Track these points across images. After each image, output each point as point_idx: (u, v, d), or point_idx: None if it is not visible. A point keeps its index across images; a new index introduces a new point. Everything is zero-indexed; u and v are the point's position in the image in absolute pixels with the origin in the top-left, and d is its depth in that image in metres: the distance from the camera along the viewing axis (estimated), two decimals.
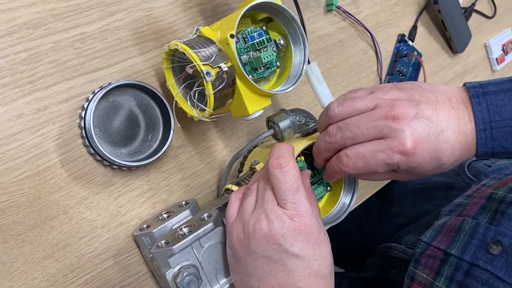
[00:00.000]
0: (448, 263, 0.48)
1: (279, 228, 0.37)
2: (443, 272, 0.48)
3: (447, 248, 0.49)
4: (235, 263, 0.40)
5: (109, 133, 0.44)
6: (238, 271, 0.40)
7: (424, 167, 0.39)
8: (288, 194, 0.38)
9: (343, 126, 0.40)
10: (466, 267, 0.46)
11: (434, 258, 0.50)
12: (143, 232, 0.44)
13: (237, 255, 0.39)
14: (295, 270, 0.37)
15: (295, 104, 0.58)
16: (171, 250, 0.39)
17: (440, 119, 0.39)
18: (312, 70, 0.48)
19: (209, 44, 0.41)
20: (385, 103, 0.39)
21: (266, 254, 0.38)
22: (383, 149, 0.38)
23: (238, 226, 0.39)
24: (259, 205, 0.39)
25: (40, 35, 0.42)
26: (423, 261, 0.51)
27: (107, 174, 0.45)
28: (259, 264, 0.38)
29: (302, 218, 0.38)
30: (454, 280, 0.47)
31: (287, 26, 0.46)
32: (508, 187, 0.50)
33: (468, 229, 0.49)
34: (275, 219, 0.37)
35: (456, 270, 0.47)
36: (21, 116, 0.41)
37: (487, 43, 0.80)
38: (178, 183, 0.49)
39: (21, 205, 0.40)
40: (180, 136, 0.49)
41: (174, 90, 0.45)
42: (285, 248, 0.37)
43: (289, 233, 0.37)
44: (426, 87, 0.41)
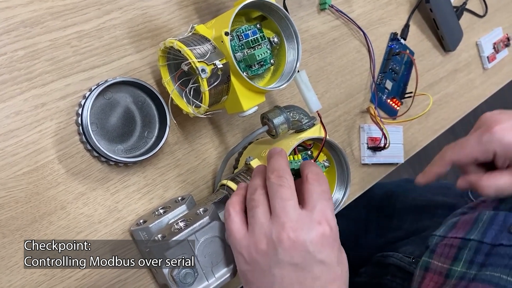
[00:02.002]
0: (467, 248, 0.49)
1: (307, 235, 0.37)
2: (461, 257, 0.49)
3: (465, 236, 0.50)
4: (256, 277, 0.39)
5: (105, 130, 0.44)
6: (257, 281, 0.39)
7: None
8: (321, 199, 0.38)
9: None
10: (487, 248, 0.47)
11: (450, 247, 0.51)
12: (139, 227, 0.44)
13: (259, 268, 0.38)
14: (321, 277, 0.38)
15: (289, 101, 0.59)
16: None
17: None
18: (301, 78, 0.49)
19: (204, 41, 0.42)
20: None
21: (294, 262, 0.37)
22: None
23: (255, 239, 0.38)
24: (278, 214, 0.38)
25: (38, 33, 0.42)
26: (438, 251, 0.51)
27: (104, 170, 0.45)
28: (286, 273, 0.37)
29: (328, 222, 0.38)
30: (475, 262, 0.47)
31: (280, 24, 0.46)
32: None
33: (486, 218, 0.51)
34: (303, 225, 0.37)
35: (476, 253, 0.48)
36: (19, 113, 0.41)
37: (479, 42, 0.81)
38: (174, 179, 0.50)
39: (20, 200, 0.41)
40: (176, 133, 0.50)
41: (169, 87, 0.46)
42: (313, 255, 0.37)
43: (317, 240, 0.37)
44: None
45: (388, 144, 0.64)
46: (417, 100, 0.71)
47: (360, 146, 0.66)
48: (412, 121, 0.71)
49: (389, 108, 0.69)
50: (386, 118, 0.68)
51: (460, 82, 0.79)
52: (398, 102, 0.69)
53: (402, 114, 0.69)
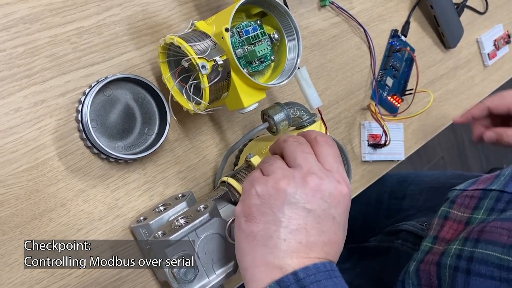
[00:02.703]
0: (489, 197, 0.50)
1: (329, 186, 0.37)
2: (482, 206, 0.50)
3: (487, 187, 0.52)
4: (262, 212, 0.37)
5: (105, 127, 0.44)
6: (265, 220, 0.37)
7: None
8: (337, 162, 0.39)
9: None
10: (508, 197, 0.49)
11: (471, 198, 0.52)
12: (140, 224, 0.44)
13: (269, 203, 0.37)
14: (327, 233, 0.37)
15: (289, 98, 0.58)
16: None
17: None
18: (302, 74, 0.49)
19: (204, 38, 0.42)
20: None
21: (308, 207, 0.37)
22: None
23: (276, 177, 0.38)
24: (300, 164, 0.38)
25: (37, 29, 0.42)
26: (459, 201, 0.53)
27: (104, 167, 0.45)
28: (296, 215, 0.37)
29: (347, 184, 0.39)
30: (496, 209, 0.49)
31: (281, 20, 0.46)
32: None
33: (508, 173, 0.53)
34: (326, 176, 0.38)
35: (498, 201, 0.49)
36: (19, 110, 0.41)
37: (479, 39, 0.81)
38: (174, 176, 0.50)
39: (19, 197, 0.41)
40: (176, 129, 0.50)
41: (170, 84, 0.45)
42: (328, 207, 0.37)
43: (336, 195, 0.38)
44: None
45: (389, 141, 0.64)
46: (418, 97, 0.70)
47: (361, 143, 0.66)
48: (412, 118, 0.71)
49: (390, 105, 0.68)
50: (386, 115, 0.68)
51: (460, 79, 0.78)
52: (398, 99, 0.69)
53: (403, 111, 0.69)
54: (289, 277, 0.35)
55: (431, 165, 1.87)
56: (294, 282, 0.35)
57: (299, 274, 0.35)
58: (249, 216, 0.38)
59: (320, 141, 0.41)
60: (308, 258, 0.36)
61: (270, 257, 0.36)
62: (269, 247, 0.36)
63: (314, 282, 0.34)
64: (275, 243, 0.36)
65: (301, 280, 0.34)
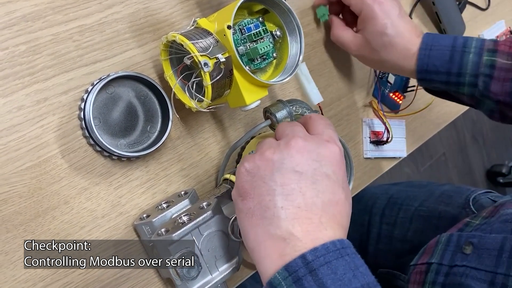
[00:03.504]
0: (430, 271, 0.52)
1: (316, 146, 0.37)
2: (427, 280, 0.52)
3: (428, 260, 0.53)
4: (254, 185, 0.37)
5: (108, 124, 0.44)
6: (259, 192, 0.36)
7: (374, 26, 0.53)
8: (327, 128, 0.40)
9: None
10: (446, 269, 0.51)
11: (420, 273, 0.54)
12: (143, 222, 0.44)
13: (260, 175, 0.37)
14: (325, 192, 0.36)
15: (291, 95, 0.58)
16: (171, 238, 0.40)
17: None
18: (302, 70, 0.49)
19: (206, 35, 0.42)
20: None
21: (298, 169, 0.36)
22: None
23: (262, 150, 0.38)
24: (287, 134, 0.38)
25: (39, 27, 0.42)
26: (412, 279, 0.54)
27: (106, 164, 0.45)
28: (288, 180, 0.36)
29: (336, 144, 0.38)
30: (437, 283, 0.50)
31: (283, 18, 0.46)
32: (483, 217, 0.57)
33: (444, 240, 0.54)
34: (312, 139, 0.38)
35: (437, 274, 0.51)
36: (21, 108, 0.41)
37: (481, 35, 0.81)
38: (177, 174, 0.50)
39: (23, 195, 0.41)
40: (179, 127, 0.50)
41: (172, 82, 0.45)
42: (319, 165, 0.37)
43: (326, 153, 0.37)
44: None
45: (391, 138, 0.64)
46: (420, 94, 0.70)
47: (363, 140, 0.66)
48: (414, 115, 0.71)
49: (392, 102, 0.68)
50: (388, 112, 0.68)
51: None
52: (400, 96, 0.69)
53: (405, 108, 0.68)
54: (297, 261, 0.33)
55: (433, 162, 1.87)
56: (303, 265, 0.33)
57: (307, 256, 0.33)
58: (244, 194, 0.37)
59: (312, 116, 0.41)
60: (311, 223, 0.35)
61: (271, 228, 0.35)
62: (268, 218, 0.35)
63: (324, 264, 0.33)
64: (273, 213, 0.35)
65: (310, 263, 0.33)
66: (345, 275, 0.33)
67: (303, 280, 0.32)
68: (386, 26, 0.53)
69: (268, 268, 0.35)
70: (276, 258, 0.34)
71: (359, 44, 0.55)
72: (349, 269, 0.33)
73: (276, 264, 0.34)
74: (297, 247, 0.34)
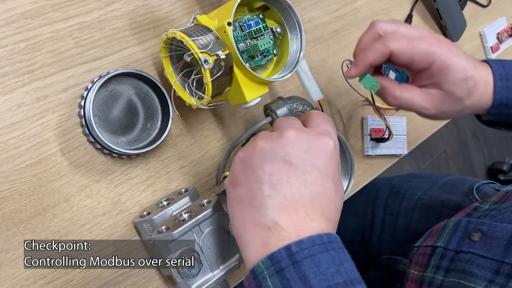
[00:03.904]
0: (435, 254, 0.50)
1: (308, 137, 0.37)
2: (430, 263, 0.50)
3: (434, 243, 0.52)
4: (245, 175, 0.37)
5: (108, 122, 0.44)
6: (248, 180, 0.37)
7: (457, 74, 0.45)
8: (324, 122, 0.39)
9: (388, 20, 0.47)
10: (451, 255, 0.49)
11: (423, 255, 0.52)
12: (143, 219, 0.44)
13: (251, 165, 0.37)
14: (314, 184, 0.36)
15: (292, 92, 0.58)
16: (171, 235, 0.40)
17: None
18: (302, 67, 0.49)
19: (206, 32, 0.42)
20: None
21: (288, 159, 0.36)
22: (424, 40, 0.45)
23: (255, 142, 0.38)
24: (281, 127, 0.39)
25: (39, 24, 0.42)
26: (414, 260, 0.53)
27: (107, 162, 0.45)
28: (277, 169, 0.36)
29: (330, 137, 0.38)
30: (441, 267, 0.49)
31: (283, 14, 0.46)
32: (493, 201, 0.55)
33: (452, 225, 0.52)
34: (306, 131, 0.38)
35: (442, 259, 0.50)
36: (21, 106, 0.41)
37: (482, 32, 0.81)
38: (177, 171, 0.50)
39: (23, 193, 0.41)
40: (179, 125, 0.50)
41: (172, 79, 0.45)
42: (310, 156, 0.36)
43: (317, 145, 0.37)
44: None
45: (391, 136, 0.63)
46: None
47: (364, 137, 0.65)
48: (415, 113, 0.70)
49: None
50: (389, 109, 0.68)
51: None
52: None
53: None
54: (281, 251, 0.33)
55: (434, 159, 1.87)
56: (287, 257, 0.33)
57: (292, 248, 0.33)
58: (235, 182, 0.38)
59: (312, 112, 0.41)
60: (297, 213, 0.35)
61: (257, 216, 0.35)
62: (254, 206, 0.35)
63: (308, 256, 0.33)
64: (260, 201, 0.35)
65: (293, 254, 0.33)
66: (328, 269, 0.33)
67: (285, 271, 0.32)
68: (466, 69, 0.46)
69: (252, 256, 0.35)
70: (260, 246, 0.34)
71: (438, 100, 0.48)
72: (333, 264, 0.33)
73: (259, 252, 0.34)
74: (281, 237, 0.34)
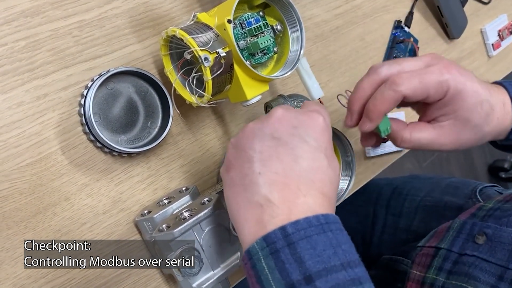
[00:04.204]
0: (438, 255, 0.50)
1: (297, 114, 0.37)
2: (433, 265, 0.50)
3: (437, 244, 0.51)
4: (236, 157, 0.37)
5: (108, 120, 0.44)
6: (240, 162, 0.37)
7: (470, 98, 0.41)
8: (315, 104, 0.39)
9: (389, 61, 0.42)
10: (454, 257, 0.48)
11: (426, 256, 0.52)
12: (144, 218, 0.44)
13: (241, 146, 0.37)
14: (304, 158, 0.35)
15: (293, 90, 0.58)
16: (172, 234, 0.40)
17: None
18: (302, 65, 0.49)
19: (206, 29, 0.42)
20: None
21: (276, 135, 0.36)
22: (433, 70, 0.40)
23: (247, 126, 0.38)
24: (275, 108, 0.39)
25: (38, 23, 0.42)
26: (417, 260, 0.52)
27: (107, 161, 0.45)
28: (266, 146, 0.36)
29: (323, 115, 0.38)
30: (443, 269, 0.49)
31: (283, 12, 0.46)
32: (497, 200, 0.54)
33: (456, 227, 0.52)
34: (293, 110, 0.38)
35: (445, 260, 0.49)
36: (21, 104, 0.41)
37: (483, 29, 0.80)
38: (178, 170, 0.49)
39: (23, 192, 0.41)
40: (179, 123, 0.50)
41: (172, 77, 0.45)
42: (298, 131, 0.36)
43: (306, 121, 0.37)
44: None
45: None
46: None
47: None
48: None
49: None
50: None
51: None
52: None
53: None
54: (276, 232, 0.32)
55: (434, 157, 1.86)
56: (282, 238, 0.32)
57: (287, 229, 0.32)
58: (228, 166, 0.38)
59: (305, 101, 0.41)
60: (289, 189, 0.34)
61: (249, 195, 0.35)
62: (246, 185, 0.35)
63: (304, 238, 0.32)
64: (251, 179, 0.35)
65: (289, 235, 0.32)
66: (324, 251, 0.32)
67: (280, 253, 0.32)
68: (479, 92, 0.42)
69: (247, 236, 0.34)
70: (254, 225, 0.34)
71: (454, 133, 0.43)
72: (330, 246, 0.32)
73: (254, 232, 0.34)
74: (274, 214, 0.33)
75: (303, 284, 0.31)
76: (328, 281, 0.31)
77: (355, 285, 0.31)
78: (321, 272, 0.31)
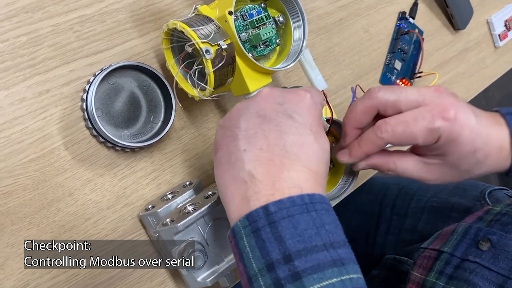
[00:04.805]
0: (440, 259, 0.49)
1: (282, 92, 0.37)
2: (434, 268, 0.49)
3: (440, 247, 0.50)
4: (223, 137, 0.37)
5: (111, 115, 0.44)
6: (226, 141, 0.37)
7: (463, 147, 0.39)
8: (307, 87, 0.39)
9: (387, 88, 0.40)
10: (456, 262, 0.48)
11: (428, 258, 0.51)
12: (148, 212, 0.44)
13: (228, 125, 0.37)
14: (289, 133, 0.35)
15: (296, 82, 0.58)
16: (176, 228, 0.39)
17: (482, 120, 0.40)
18: (305, 57, 0.49)
19: (207, 22, 0.41)
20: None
21: (262, 113, 0.36)
22: (424, 115, 0.38)
23: (235, 106, 0.39)
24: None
25: (39, 18, 0.42)
26: (418, 262, 0.52)
27: (110, 156, 0.45)
28: (251, 124, 0.36)
29: (312, 94, 0.38)
30: (444, 274, 0.48)
31: (285, 3, 0.45)
32: (505, 204, 0.52)
33: (461, 231, 0.51)
34: (280, 89, 0.38)
35: (447, 265, 0.48)
36: (23, 100, 0.41)
37: (490, 19, 0.79)
38: (181, 164, 0.49)
39: (27, 187, 0.41)
40: (182, 117, 0.49)
41: (174, 71, 0.45)
42: (284, 107, 0.36)
43: (292, 98, 0.37)
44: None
45: None
46: (427, 80, 0.69)
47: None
48: None
49: None
50: None
51: (470, 61, 0.77)
52: (407, 83, 0.67)
53: None
54: (259, 210, 0.32)
55: None
56: (264, 216, 0.32)
57: (270, 208, 0.32)
58: (216, 147, 0.38)
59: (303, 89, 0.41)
60: (273, 164, 0.34)
61: (235, 172, 0.35)
62: (232, 163, 0.35)
63: (286, 217, 0.32)
64: (237, 156, 0.35)
65: (271, 214, 0.32)
66: (306, 231, 0.31)
67: (261, 231, 0.32)
68: (475, 141, 0.39)
69: (232, 214, 0.34)
70: (239, 202, 0.34)
71: (438, 172, 0.43)
72: (313, 226, 0.32)
73: (238, 208, 0.34)
74: (257, 189, 0.33)
75: (282, 263, 0.30)
76: (308, 261, 0.30)
77: (337, 265, 0.31)
78: (300, 251, 0.31)
